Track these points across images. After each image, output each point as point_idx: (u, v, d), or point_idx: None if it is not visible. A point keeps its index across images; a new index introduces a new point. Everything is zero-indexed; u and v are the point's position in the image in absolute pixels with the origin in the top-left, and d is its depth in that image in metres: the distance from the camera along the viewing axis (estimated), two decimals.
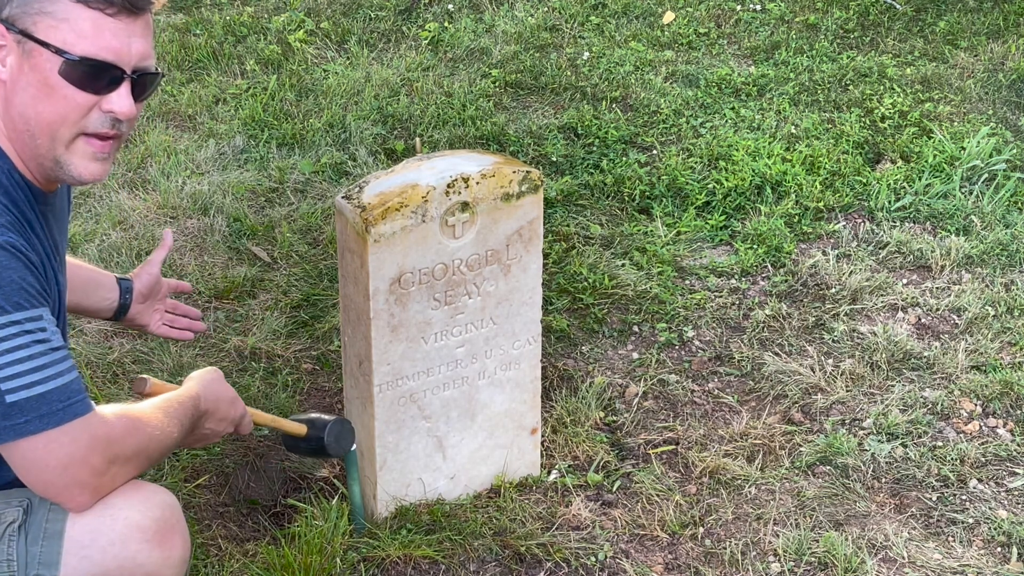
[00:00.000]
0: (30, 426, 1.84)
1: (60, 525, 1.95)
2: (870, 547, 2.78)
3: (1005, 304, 3.67)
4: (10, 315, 1.82)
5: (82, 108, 1.93)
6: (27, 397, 1.83)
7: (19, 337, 1.83)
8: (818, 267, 3.87)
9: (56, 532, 1.94)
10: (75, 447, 1.87)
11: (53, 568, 1.94)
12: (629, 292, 3.75)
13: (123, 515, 1.95)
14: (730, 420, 3.24)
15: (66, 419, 1.86)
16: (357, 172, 4.44)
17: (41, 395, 1.84)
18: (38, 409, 1.84)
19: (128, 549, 1.95)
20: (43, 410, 1.84)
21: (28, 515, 1.96)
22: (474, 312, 2.72)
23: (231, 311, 3.65)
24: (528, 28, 5.74)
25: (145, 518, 1.97)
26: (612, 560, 2.75)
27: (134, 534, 1.95)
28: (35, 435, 1.84)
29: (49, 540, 1.94)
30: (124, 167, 4.46)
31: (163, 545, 1.99)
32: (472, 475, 2.92)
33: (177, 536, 2.02)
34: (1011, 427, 3.19)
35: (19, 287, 1.83)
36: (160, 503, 2.01)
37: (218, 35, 5.61)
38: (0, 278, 1.82)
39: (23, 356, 1.83)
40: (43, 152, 1.96)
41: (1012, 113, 4.95)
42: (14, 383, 1.82)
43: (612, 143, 4.68)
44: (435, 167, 2.59)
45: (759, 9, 6.01)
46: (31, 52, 1.89)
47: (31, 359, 1.83)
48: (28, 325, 1.84)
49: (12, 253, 1.84)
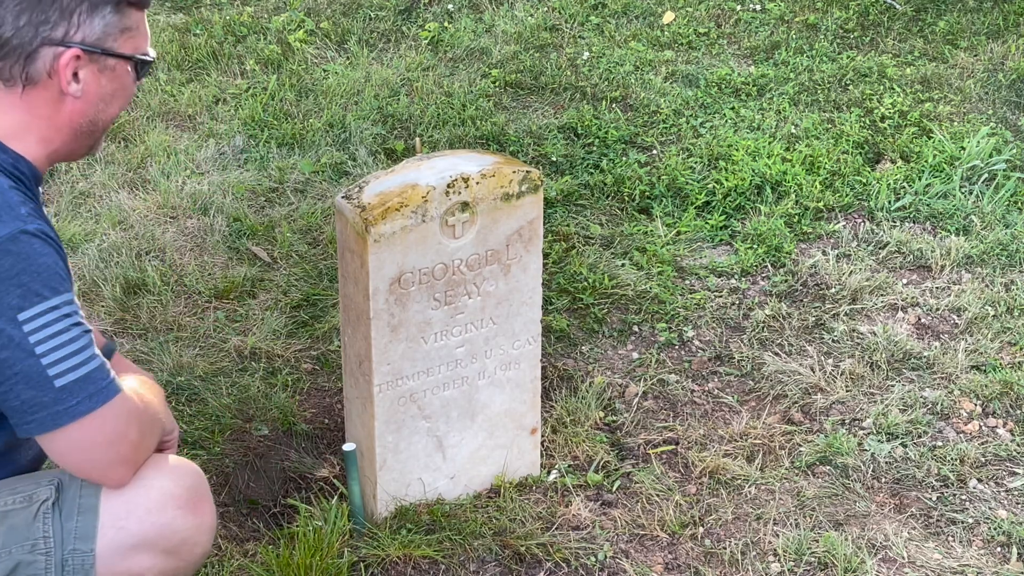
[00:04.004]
0: (81, 407, 1.91)
1: (94, 500, 2.02)
2: (870, 547, 2.78)
3: (1005, 304, 3.68)
4: (49, 300, 1.88)
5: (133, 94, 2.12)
6: (74, 379, 1.90)
7: (60, 322, 1.89)
8: (818, 267, 3.87)
9: (91, 506, 2.02)
10: (117, 423, 1.96)
11: (89, 541, 2.01)
12: (629, 292, 3.75)
13: (157, 484, 2.04)
14: (730, 420, 3.24)
15: (110, 396, 1.94)
16: (357, 172, 4.44)
17: (86, 376, 1.91)
18: (85, 389, 1.91)
19: (164, 516, 2.04)
20: (90, 390, 1.91)
21: (60, 492, 2.03)
22: (474, 312, 2.72)
23: (231, 311, 3.65)
24: (528, 28, 5.74)
25: (178, 487, 2.07)
26: (612, 560, 2.75)
27: (169, 502, 2.04)
28: (86, 416, 1.91)
29: (84, 514, 2.02)
30: (124, 167, 4.46)
31: (196, 512, 2.09)
32: (472, 475, 2.92)
33: (207, 503, 2.13)
34: (1011, 427, 3.19)
35: (54, 272, 1.90)
36: (191, 471, 2.12)
37: (218, 35, 5.61)
38: (38, 265, 1.88)
39: (65, 340, 1.89)
40: (93, 141, 2.10)
41: (1012, 113, 4.95)
42: (61, 366, 1.89)
43: (612, 143, 4.68)
44: (435, 167, 2.59)
45: (759, 9, 6.01)
46: (114, 67, 2.03)
47: (72, 342, 1.90)
48: (65, 309, 1.90)
49: (44, 239, 1.91)
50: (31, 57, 1.96)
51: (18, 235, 1.87)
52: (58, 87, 1.99)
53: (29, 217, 1.91)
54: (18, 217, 1.89)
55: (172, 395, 3.22)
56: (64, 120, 2.03)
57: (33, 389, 1.88)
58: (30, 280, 1.86)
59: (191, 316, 3.62)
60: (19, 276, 1.86)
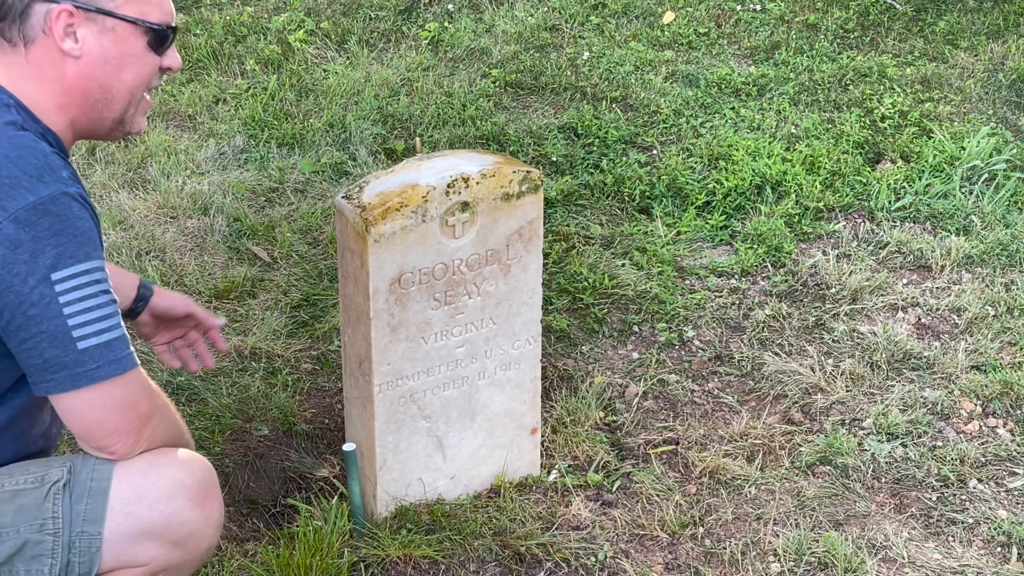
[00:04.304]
0: (100, 372, 1.93)
1: (105, 483, 2.03)
2: (870, 547, 2.78)
3: (1005, 304, 3.67)
4: (83, 264, 1.91)
5: (155, 70, 2.10)
6: (96, 344, 1.92)
7: (90, 286, 1.91)
8: (818, 267, 3.87)
9: (101, 490, 2.02)
10: (130, 393, 1.99)
11: (97, 524, 2.02)
12: (629, 292, 3.75)
13: (168, 474, 2.05)
14: (730, 420, 3.24)
15: (128, 367, 1.97)
16: (357, 172, 4.44)
17: (108, 342, 1.93)
18: (106, 356, 1.93)
19: (173, 505, 2.05)
20: (110, 356, 1.94)
21: (72, 475, 2.03)
22: (474, 312, 2.72)
23: (231, 311, 3.65)
24: (528, 28, 5.74)
25: (189, 478, 2.07)
26: (612, 560, 2.75)
27: (179, 491, 2.05)
28: (103, 381, 1.94)
29: (94, 497, 2.02)
30: (124, 167, 4.46)
31: (204, 505, 2.09)
32: (472, 475, 2.92)
33: (216, 498, 2.14)
34: (1011, 427, 3.19)
35: (90, 237, 1.93)
36: (202, 465, 2.13)
37: (218, 35, 5.61)
38: (76, 228, 1.90)
39: (93, 305, 1.91)
40: (115, 115, 2.10)
41: (1012, 113, 4.95)
42: (86, 330, 1.91)
43: (612, 143, 4.68)
44: (435, 167, 2.59)
45: (759, 9, 6.01)
46: (114, 28, 2.02)
47: (100, 308, 1.92)
48: (97, 275, 1.93)
49: (82, 204, 1.94)
50: (24, 14, 1.98)
51: (59, 196, 1.90)
52: (56, 46, 1.99)
53: (70, 180, 1.95)
54: (60, 180, 1.92)
55: (172, 395, 3.22)
56: (73, 83, 2.03)
57: (56, 348, 1.90)
58: (67, 241, 1.89)
59: None
60: (57, 236, 1.88)
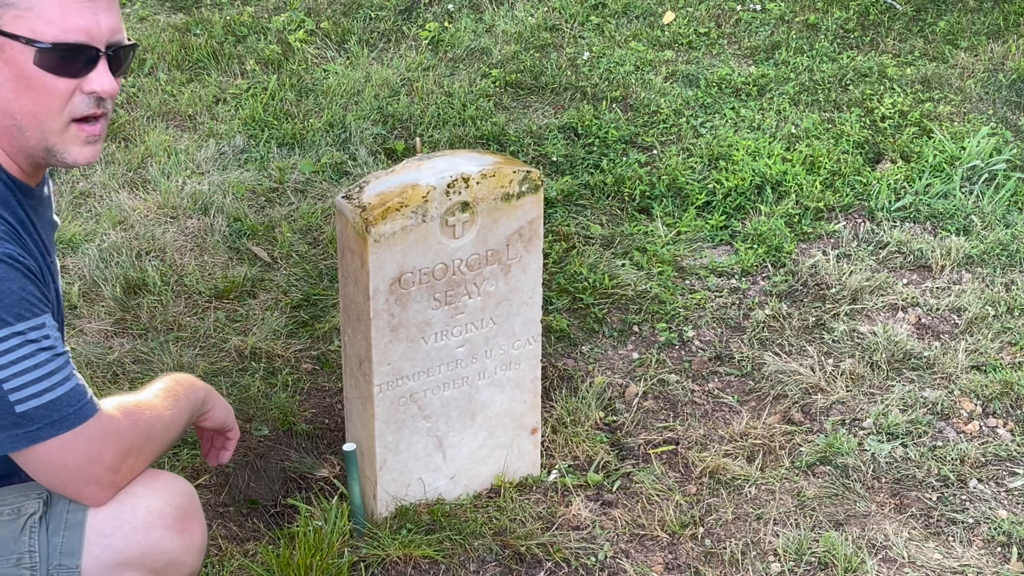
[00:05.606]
0: (42, 432, 1.86)
1: (81, 515, 1.97)
2: (870, 547, 2.78)
3: (1005, 304, 3.67)
4: (13, 326, 1.83)
5: (64, 95, 1.91)
6: (37, 406, 1.85)
7: (23, 347, 1.84)
8: (818, 267, 3.87)
9: (78, 522, 1.97)
10: (88, 446, 1.91)
11: (75, 557, 1.96)
12: (629, 292, 3.75)
13: (144, 503, 1.99)
14: (730, 420, 3.24)
15: (78, 422, 1.88)
16: (357, 172, 4.44)
17: (51, 402, 1.86)
18: (49, 416, 1.86)
19: (150, 536, 1.99)
20: (54, 416, 1.87)
21: (48, 507, 1.99)
22: (474, 312, 2.72)
23: (231, 311, 3.65)
24: (528, 28, 5.74)
25: (166, 505, 2.01)
26: (612, 560, 2.75)
27: (156, 521, 1.99)
28: (48, 440, 1.87)
29: (71, 530, 1.97)
30: (124, 167, 4.46)
31: (183, 532, 2.03)
32: (472, 475, 2.92)
33: (196, 523, 2.07)
34: (1011, 427, 3.19)
35: (20, 298, 1.84)
36: (179, 491, 2.06)
37: (218, 35, 5.62)
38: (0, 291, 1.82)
39: (29, 366, 1.84)
40: (32, 144, 1.95)
41: (1012, 113, 4.95)
42: (22, 393, 1.84)
43: (612, 143, 4.68)
44: (435, 167, 2.59)
45: (759, 9, 6.01)
46: (2, 47, 1.87)
47: (37, 368, 1.85)
48: (32, 335, 1.85)
49: (10, 264, 1.85)
50: None
51: None
52: None
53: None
54: None
55: None
56: None
57: None
58: None
59: (191, 316, 3.62)
60: None
